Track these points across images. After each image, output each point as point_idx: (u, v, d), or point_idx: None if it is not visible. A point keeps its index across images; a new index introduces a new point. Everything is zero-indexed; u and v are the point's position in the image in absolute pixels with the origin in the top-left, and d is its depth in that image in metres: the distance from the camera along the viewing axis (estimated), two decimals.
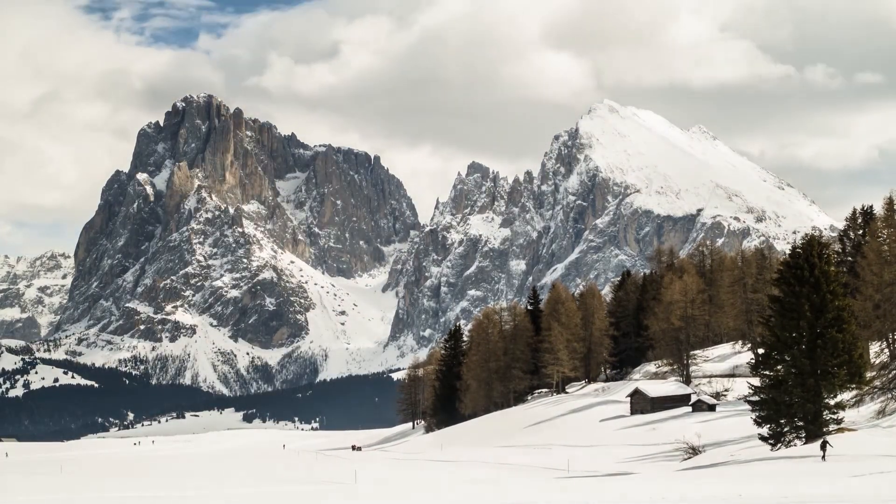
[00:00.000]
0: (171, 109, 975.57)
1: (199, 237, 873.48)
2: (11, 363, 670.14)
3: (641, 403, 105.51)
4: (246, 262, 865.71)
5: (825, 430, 59.34)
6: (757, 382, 63.43)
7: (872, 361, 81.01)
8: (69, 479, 75.57)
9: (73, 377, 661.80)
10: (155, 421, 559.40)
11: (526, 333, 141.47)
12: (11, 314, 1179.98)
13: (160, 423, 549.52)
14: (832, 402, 59.75)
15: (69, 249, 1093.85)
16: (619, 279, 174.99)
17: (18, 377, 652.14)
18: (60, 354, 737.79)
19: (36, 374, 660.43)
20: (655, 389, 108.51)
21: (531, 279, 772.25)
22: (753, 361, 69.87)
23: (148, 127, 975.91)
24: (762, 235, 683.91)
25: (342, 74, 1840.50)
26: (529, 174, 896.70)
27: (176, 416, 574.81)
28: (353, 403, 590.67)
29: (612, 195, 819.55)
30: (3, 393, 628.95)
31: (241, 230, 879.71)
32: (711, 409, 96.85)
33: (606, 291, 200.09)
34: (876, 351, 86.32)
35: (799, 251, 61.64)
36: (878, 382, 72.78)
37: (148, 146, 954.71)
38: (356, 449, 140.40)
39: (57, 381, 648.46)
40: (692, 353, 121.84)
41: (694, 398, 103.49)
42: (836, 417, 59.68)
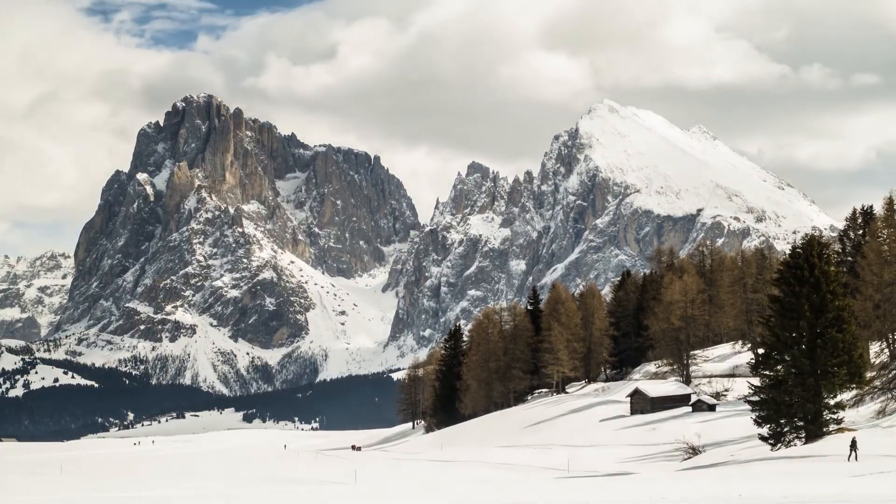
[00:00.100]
0: (171, 109, 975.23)
1: (199, 237, 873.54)
2: (11, 363, 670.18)
3: (641, 403, 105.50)
4: (246, 262, 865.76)
5: (825, 430, 59.37)
6: (757, 382, 63.44)
7: (872, 361, 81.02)
8: (69, 479, 75.55)
9: (73, 377, 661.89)
10: (155, 421, 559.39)
11: (526, 333, 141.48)
12: (11, 314, 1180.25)
13: (160, 423, 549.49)
14: (832, 402, 59.78)
15: (69, 249, 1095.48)
16: (619, 279, 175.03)
17: (18, 377, 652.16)
18: (60, 354, 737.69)
19: (36, 374, 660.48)
20: (655, 389, 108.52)
21: (531, 279, 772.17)
22: (753, 361, 69.92)
23: (148, 127, 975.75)
24: (762, 235, 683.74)
25: (340, 75, 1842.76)
26: (529, 174, 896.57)
27: (176, 416, 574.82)
28: (353, 403, 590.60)
29: (612, 195, 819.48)
30: (3, 393, 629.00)
31: (241, 230, 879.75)
32: (711, 409, 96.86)
33: (606, 291, 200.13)
34: (876, 351, 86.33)
35: (799, 251, 61.65)
36: (878, 382, 72.78)
37: (148, 146, 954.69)
38: (356, 449, 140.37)
39: (57, 381, 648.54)
40: (692, 353, 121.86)
41: (694, 398, 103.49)
42: (836, 417, 59.71)
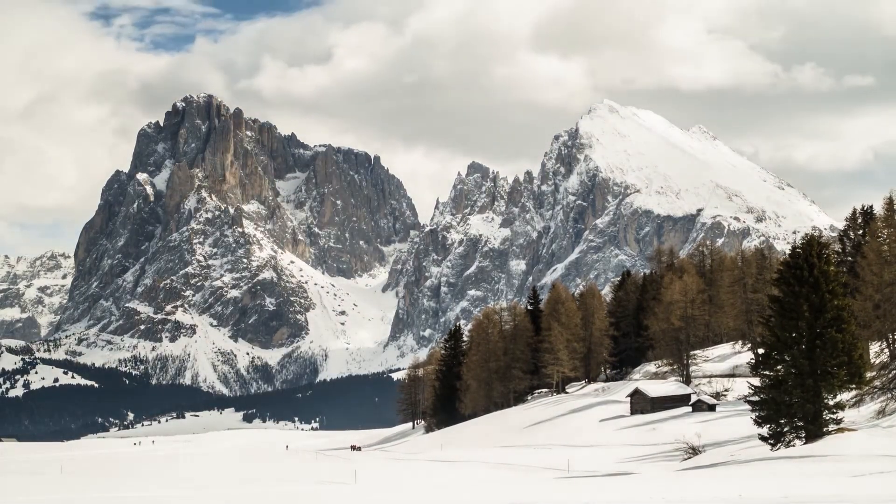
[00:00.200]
0: (171, 109, 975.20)
1: (199, 237, 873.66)
2: (11, 363, 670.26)
3: (641, 403, 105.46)
4: (246, 262, 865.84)
5: (825, 430, 59.35)
6: (757, 382, 63.39)
7: (872, 361, 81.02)
8: (69, 479, 75.55)
9: (73, 377, 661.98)
10: (155, 421, 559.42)
11: (526, 333, 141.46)
12: (11, 314, 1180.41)
13: (160, 423, 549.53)
14: (832, 402, 59.74)
15: (69, 249, 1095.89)
16: (619, 279, 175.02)
17: (18, 377, 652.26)
18: (60, 354, 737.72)
19: (36, 374, 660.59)
20: (655, 389, 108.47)
21: (531, 279, 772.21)
22: (753, 361, 69.86)
23: (148, 127, 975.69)
24: (762, 235, 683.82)
25: (336, 77, 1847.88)
26: (529, 174, 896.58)
27: (176, 416, 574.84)
28: (353, 403, 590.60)
29: (612, 195, 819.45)
30: (3, 393, 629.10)
31: (241, 230, 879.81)
32: (711, 409, 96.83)
33: (606, 291, 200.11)
34: (876, 351, 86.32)
35: (799, 251, 61.62)
36: (878, 382, 72.77)
37: (148, 146, 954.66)
38: (356, 449, 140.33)
39: (57, 381, 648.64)
40: (692, 353, 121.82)
41: (694, 398, 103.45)
42: (835, 417, 59.67)
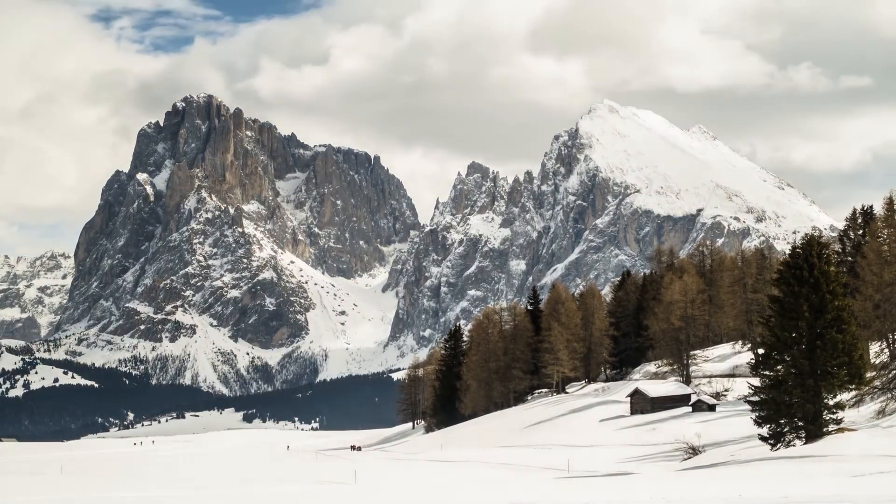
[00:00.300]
0: (171, 109, 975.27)
1: (199, 237, 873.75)
2: (11, 363, 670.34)
3: (641, 403, 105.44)
4: (246, 262, 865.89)
5: (825, 430, 59.35)
6: (757, 382, 63.37)
7: (872, 361, 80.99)
8: (69, 479, 75.57)
9: (73, 377, 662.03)
10: (155, 421, 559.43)
11: (526, 333, 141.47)
12: (11, 314, 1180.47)
13: (160, 423, 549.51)
14: (832, 402, 59.74)
15: (69, 249, 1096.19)
16: (619, 279, 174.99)
17: (18, 377, 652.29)
18: (60, 354, 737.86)
19: (36, 374, 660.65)
20: (655, 389, 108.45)
21: (531, 279, 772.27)
22: (753, 361, 69.86)
23: (148, 127, 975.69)
24: (762, 235, 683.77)
25: (333, 78, 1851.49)
26: (529, 174, 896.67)
27: (176, 416, 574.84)
28: (353, 403, 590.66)
29: (612, 195, 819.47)
30: (3, 393, 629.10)
31: (241, 230, 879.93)
32: (711, 409, 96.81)
33: (606, 291, 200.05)
34: (876, 351, 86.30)
35: (799, 251, 61.59)
36: (878, 382, 72.76)
37: (148, 146, 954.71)
38: (356, 449, 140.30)
39: (57, 381, 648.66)
40: (692, 353, 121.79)
41: (694, 398, 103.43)
42: (835, 417, 59.66)
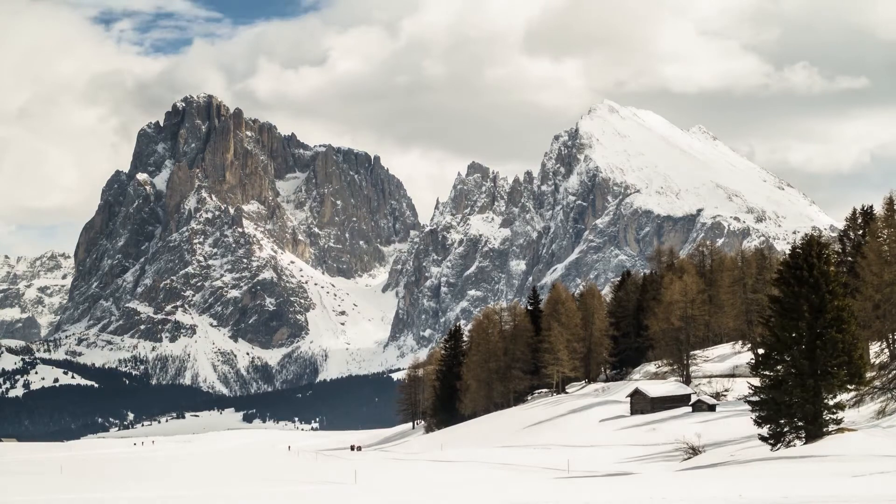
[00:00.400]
0: (171, 109, 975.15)
1: (199, 237, 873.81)
2: (11, 363, 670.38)
3: (641, 403, 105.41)
4: (246, 262, 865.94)
5: (825, 430, 59.35)
6: (757, 382, 63.40)
7: (872, 361, 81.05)
8: (69, 479, 75.56)
9: (73, 377, 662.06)
10: (155, 421, 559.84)
11: (526, 333, 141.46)
12: (11, 314, 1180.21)
13: (160, 423, 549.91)
14: (832, 402, 59.75)
15: (69, 250, 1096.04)
16: (619, 279, 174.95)
17: (18, 377, 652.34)
18: (60, 354, 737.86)
19: (36, 374, 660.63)
20: (655, 389, 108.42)
21: (531, 279, 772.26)
22: (753, 361, 69.90)
23: (148, 127, 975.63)
24: (762, 235, 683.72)
25: (332, 80, 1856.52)
26: (529, 174, 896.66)
27: (176, 416, 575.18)
28: (353, 403, 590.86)
29: (612, 195, 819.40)
30: (3, 393, 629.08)
31: (241, 230, 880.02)
32: (711, 409, 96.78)
33: (606, 291, 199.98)
34: (876, 351, 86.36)
35: (799, 251, 61.61)
36: (878, 382, 72.81)
37: (148, 146, 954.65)
38: (356, 449, 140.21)
39: (57, 381, 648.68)
40: (692, 353, 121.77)
41: (694, 398, 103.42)
42: (835, 417, 59.67)
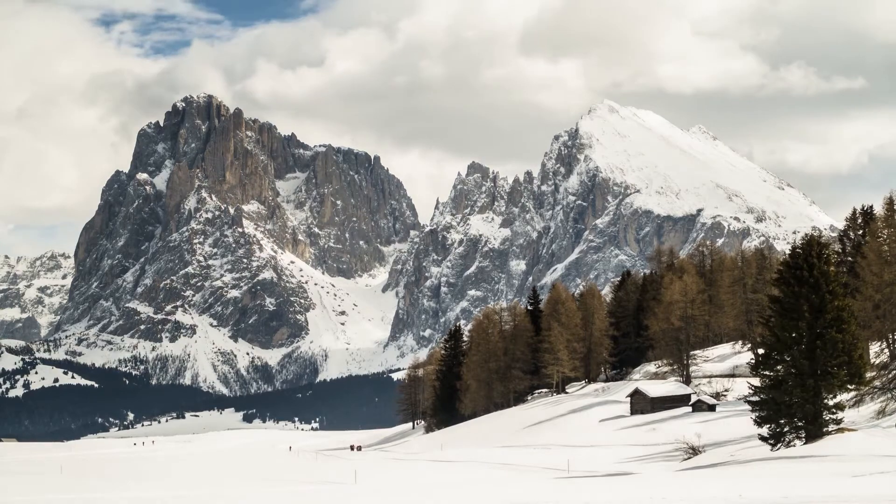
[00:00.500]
0: (171, 109, 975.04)
1: (199, 237, 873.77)
2: (11, 363, 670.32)
3: (641, 403, 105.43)
4: (246, 262, 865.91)
5: (825, 430, 59.35)
6: (757, 382, 63.41)
7: (872, 361, 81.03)
8: (69, 479, 75.55)
9: (73, 377, 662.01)
10: (155, 421, 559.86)
11: (526, 333, 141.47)
12: (11, 314, 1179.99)
13: (160, 423, 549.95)
14: (832, 402, 59.76)
15: (69, 250, 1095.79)
16: (619, 279, 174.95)
17: (18, 377, 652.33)
18: (60, 354, 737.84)
19: (36, 374, 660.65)
20: (655, 389, 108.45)
21: (531, 279, 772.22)
22: (753, 361, 69.90)
23: (148, 127, 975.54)
24: (762, 235, 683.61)
25: (331, 80, 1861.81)
26: (529, 174, 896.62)
27: (176, 416, 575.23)
28: (353, 403, 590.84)
29: (612, 195, 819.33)
30: (3, 393, 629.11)
31: (241, 230, 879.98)
32: (711, 409, 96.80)
33: (606, 291, 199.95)
34: (876, 351, 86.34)
35: (799, 251, 61.61)
36: (878, 382, 72.82)
37: (148, 146, 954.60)
38: (355, 449, 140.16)
39: (57, 381, 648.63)
40: (692, 353, 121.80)
41: (694, 398, 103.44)
42: (835, 417, 59.69)
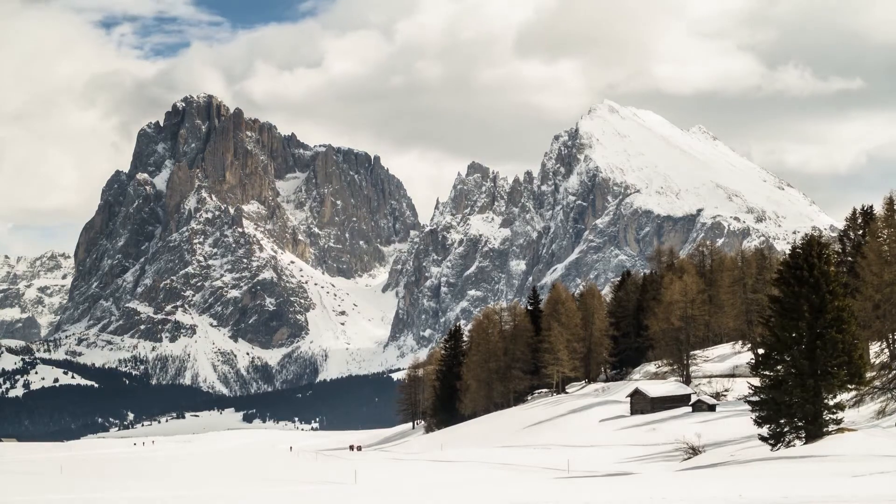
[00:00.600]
0: (171, 109, 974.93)
1: (199, 237, 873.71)
2: (11, 363, 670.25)
3: (641, 403, 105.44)
4: (246, 262, 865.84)
5: (825, 430, 59.36)
6: (757, 382, 63.42)
7: (872, 361, 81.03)
8: (69, 479, 75.53)
9: (73, 377, 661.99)
10: (155, 421, 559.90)
11: (526, 333, 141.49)
12: (11, 314, 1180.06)
13: (160, 423, 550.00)
14: (832, 402, 59.77)
15: (69, 249, 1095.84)
16: (619, 279, 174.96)
17: (18, 377, 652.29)
18: (60, 354, 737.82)
19: (36, 374, 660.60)
20: (655, 389, 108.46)
21: (531, 279, 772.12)
22: (753, 361, 69.91)
23: (148, 127, 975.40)
24: (762, 235, 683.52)
25: (329, 81, 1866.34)
26: (529, 174, 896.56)
27: (176, 416, 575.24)
28: (353, 403, 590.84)
29: (612, 195, 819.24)
30: (3, 393, 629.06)
31: (241, 230, 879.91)
32: (711, 409, 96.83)
33: (606, 291, 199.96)
34: (876, 351, 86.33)
35: (799, 251, 61.61)
36: (878, 382, 72.83)
37: (148, 146, 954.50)
38: (355, 449, 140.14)
39: (57, 381, 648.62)
40: (692, 353, 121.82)
41: (694, 398, 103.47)
42: (835, 417, 59.69)
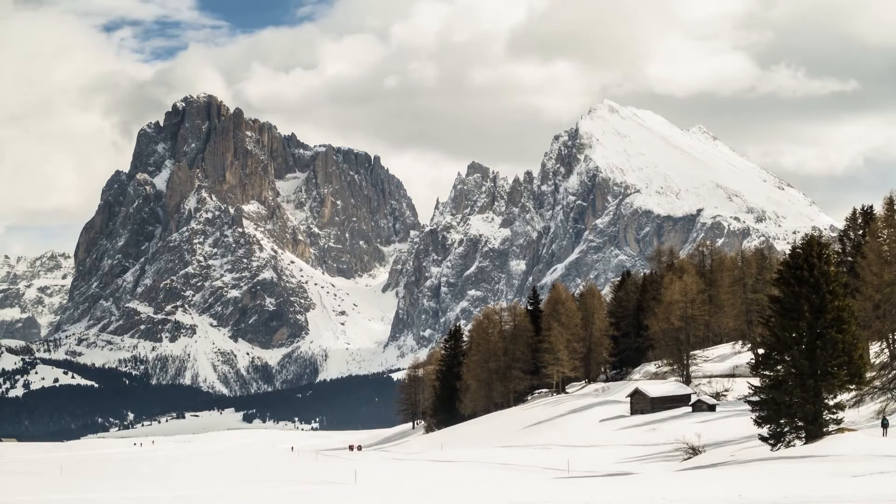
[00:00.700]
0: (171, 109, 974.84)
1: (199, 237, 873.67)
2: (11, 363, 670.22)
3: (641, 403, 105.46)
4: (246, 262, 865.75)
5: (825, 430, 59.37)
6: (757, 382, 63.43)
7: (872, 361, 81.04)
8: (69, 479, 75.53)
9: (73, 377, 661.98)
10: (155, 421, 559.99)
11: (526, 333, 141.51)
12: (11, 314, 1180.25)
13: (160, 423, 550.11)
14: (832, 402, 59.78)
15: (69, 249, 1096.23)
16: (619, 279, 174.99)
17: (18, 377, 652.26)
18: (60, 354, 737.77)
19: (36, 374, 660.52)
20: (655, 389, 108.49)
21: (531, 279, 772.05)
22: (753, 361, 69.94)
23: (148, 127, 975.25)
24: (762, 235, 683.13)
25: (327, 82, 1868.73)
26: (529, 174, 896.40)
27: (176, 416, 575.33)
28: (353, 403, 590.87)
29: (612, 195, 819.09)
30: (3, 393, 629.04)
31: (241, 230, 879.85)
32: (711, 409, 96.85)
33: (606, 291, 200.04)
34: (876, 351, 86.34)
35: (799, 251, 61.62)
36: (878, 382, 72.88)
37: (148, 146, 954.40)
38: (356, 449, 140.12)
39: (57, 381, 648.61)
40: (692, 353, 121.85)
41: (694, 398, 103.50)
42: (835, 417, 59.71)
